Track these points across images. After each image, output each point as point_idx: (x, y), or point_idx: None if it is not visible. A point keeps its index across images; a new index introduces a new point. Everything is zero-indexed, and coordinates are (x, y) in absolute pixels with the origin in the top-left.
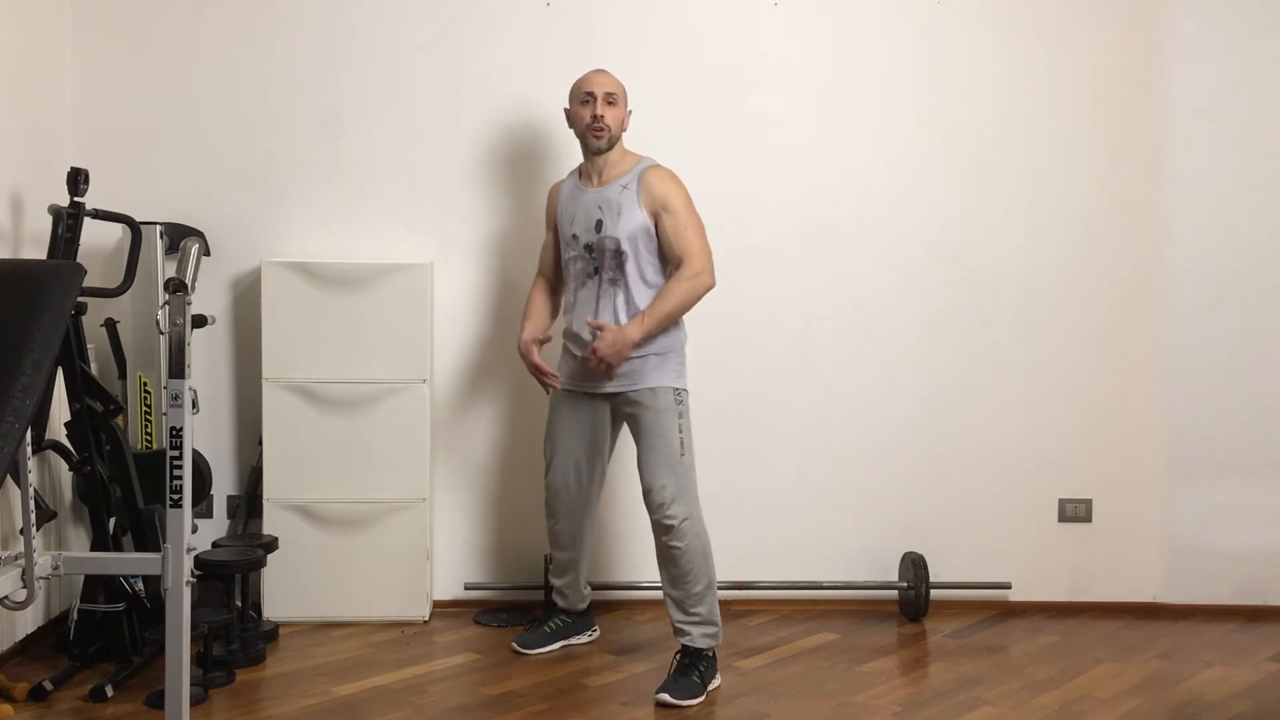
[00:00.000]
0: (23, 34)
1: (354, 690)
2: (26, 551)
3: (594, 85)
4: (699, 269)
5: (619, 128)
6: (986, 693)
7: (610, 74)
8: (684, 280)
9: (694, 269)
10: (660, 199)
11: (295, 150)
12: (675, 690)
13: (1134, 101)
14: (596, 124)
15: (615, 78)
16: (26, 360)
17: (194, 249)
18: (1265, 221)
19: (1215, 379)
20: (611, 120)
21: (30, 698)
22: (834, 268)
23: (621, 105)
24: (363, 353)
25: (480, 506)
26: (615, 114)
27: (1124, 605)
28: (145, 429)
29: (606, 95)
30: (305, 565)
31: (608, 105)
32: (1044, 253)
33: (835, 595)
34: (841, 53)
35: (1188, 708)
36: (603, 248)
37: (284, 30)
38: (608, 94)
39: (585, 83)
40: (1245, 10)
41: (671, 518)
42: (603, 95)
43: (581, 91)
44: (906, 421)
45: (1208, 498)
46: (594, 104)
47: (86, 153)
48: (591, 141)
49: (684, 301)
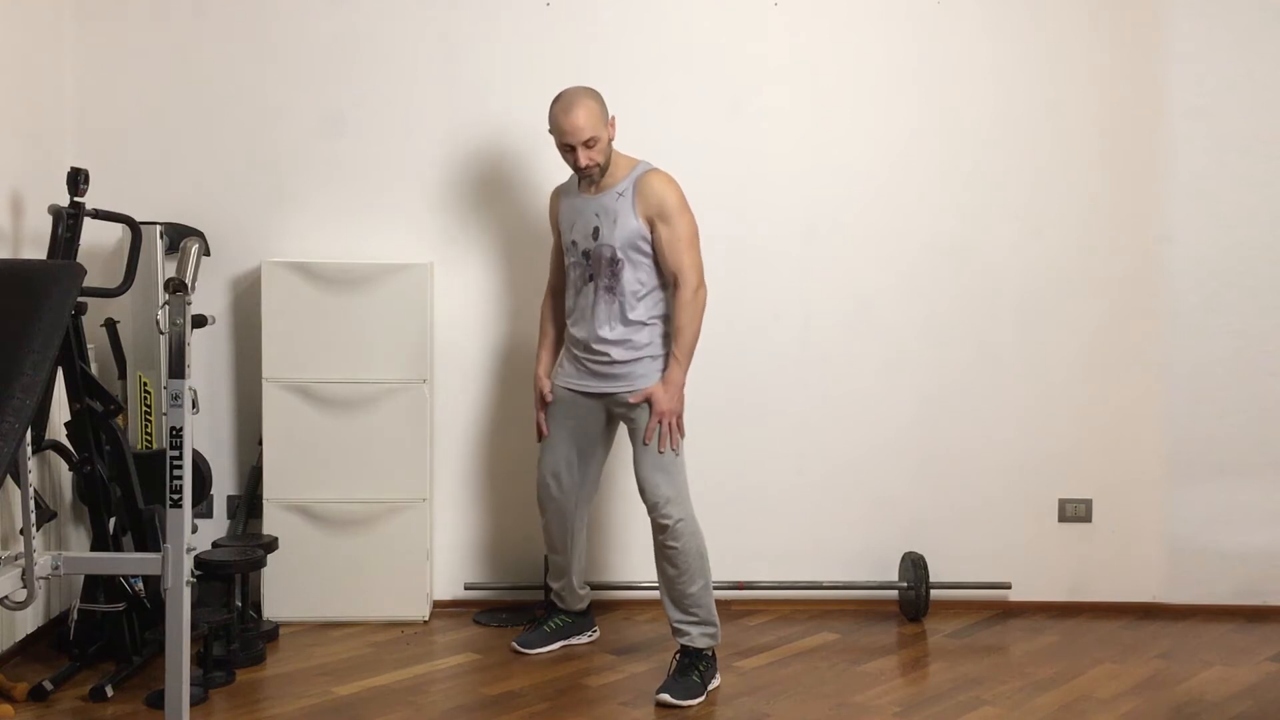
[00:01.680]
0: (23, 34)
1: (354, 690)
2: (26, 551)
3: (571, 134)
4: (695, 285)
5: (606, 156)
6: (986, 693)
7: (582, 108)
8: (688, 304)
9: (690, 287)
10: (656, 206)
11: (295, 150)
12: (676, 690)
13: (1134, 101)
14: (584, 171)
15: (589, 109)
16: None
17: (194, 249)
18: (1265, 221)
19: (1215, 379)
20: (598, 157)
21: (30, 698)
22: (834, 267)
23: (603, 133)
24: (363, 353)
25: (480, 506)
26: (600, 149)
27: (1124, 605)
28: (145, 429)
29: (585, 142)
30: (305, 565)
31: (588, 149)
32: (1043, 252)
33: (835, 595)
34: (841, 53)
35: (1188, 708)
36: (599, 255)
37: (284, 30)
38: (586, 141)
39: (561, 130)
40: (1245, 10)
41: (667, 517)
42: (581, 144)
43: (559, 137)
44: (906, 421)
45: (1208, 498)
46: (575, 153)
47: (86, 153)
48: (583, 180)
49: (697, 323)
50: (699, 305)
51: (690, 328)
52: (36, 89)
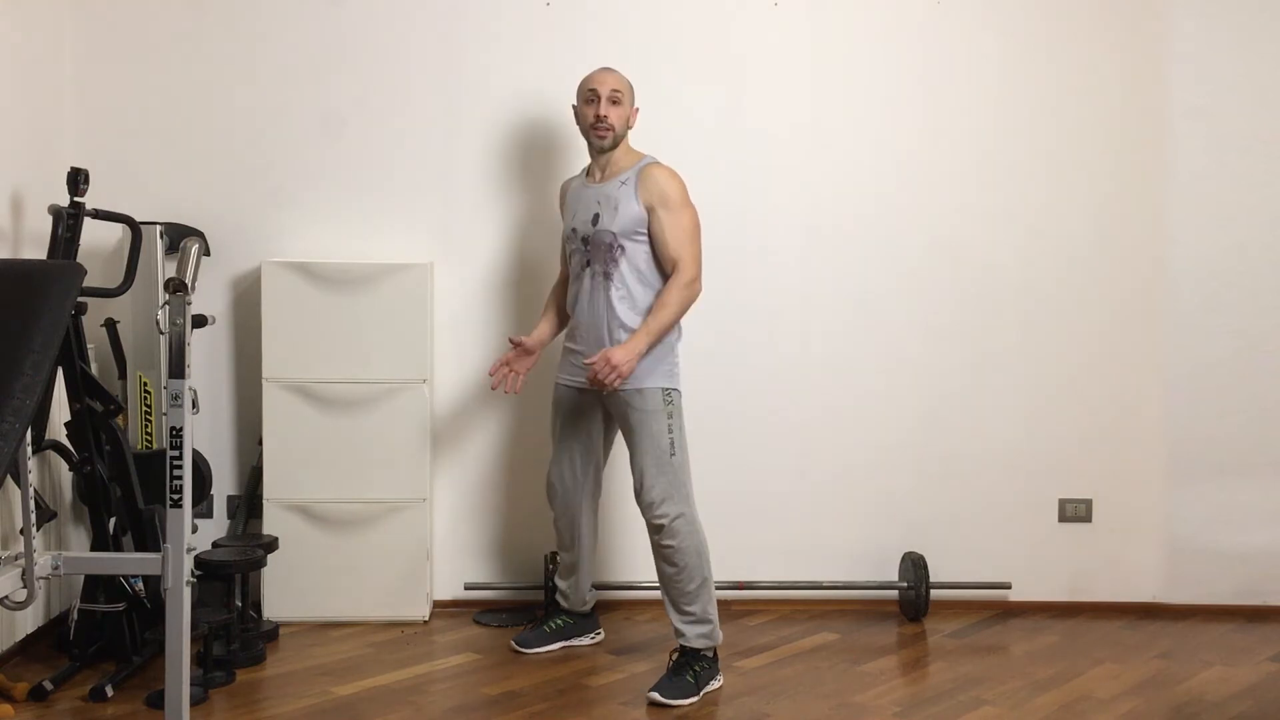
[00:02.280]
0: (23, 34)
1: (354, 690)
2: (26, 551)
3: (599, 83)
4: (691, 276)
5: (624, 126)
6: (986, 693)
7: (618, 72)
8: (679, 289)
9: (688, 276)
10: (658, 193)
11: (295, 150)
12: (667, 690)
13: (1134, 101)
14: (600, 123)
15: (623, 76)
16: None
17: (194, 249)
18: (1265, 221)
19: (1215, 379)
20: (616, 119)
21: (30, 698)
22: (834, 268)
23: (627, 104)
24: (363, 353)
25: (480, 506)
26: (620, 113)
27: (1124, 605)
28: (145, 429)
29: (611, 93)
30: (305, 565)
31: (612, 104)
32: (1044, 253)
33: (835, 595)
34: (841, 54)
35: (1188, 708)
36: (598, 241)
37: (284, 30)
38: (613, 91)
39: (591, 80)
40: (1245, 10)
41: (661, 516)
42: (607, 94)
43: (586, 89)
44: (907, 422)
45: (1208, 498)
46: (598, 103)
47: (86, 153)
48: (595, 140)
49: (681, 309)
50: (689, 295)
51: (671, 309)
52: (36, 89)
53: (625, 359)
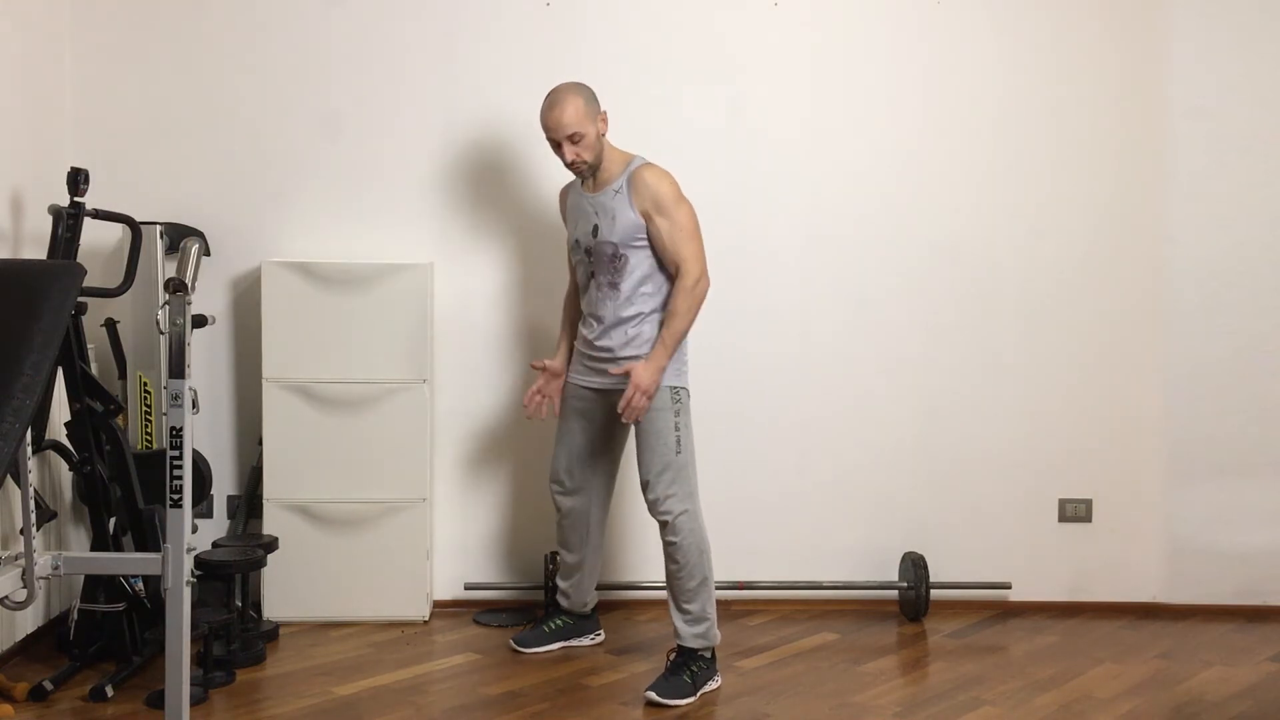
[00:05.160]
0: (23, 35)
1: (354, 690)
2: (26, 551)
3: (553, 130)
4: (696, 275)
5: (595, 153)
6: (986, 693)
7: (568, 104)
8: (685, 292)
9: (692, 276)
10: (650, 198)
11: (295, 150)
12: (663, 689)
13: (1134, 101)
14: (572, 165)
15: (573, 102)
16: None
17: (194, 249)
18: (1265, 222)
19: (1215, 379)
20: (585, 152)
21: (30, 698)
22: (835, 268)
23: (590, 129)
24: (363, 353)
25: (480, 506)
26: (586, 144)
27: (1124, 605)
28: (145, 429)
29: (570, 137)
30: (305, 565)
31: (574, 144)
32: (1044, 253)
33: (835, 595)
34: (841, 54)
35: (1188, 708)
36: (600, 252)
37: (283, 30)
38: (571, 134)
39: (545, 124)
40: (1245, 10)
41: (665, 513)
42: (565, 138)
43: (545, 132)
44: (907, 422)
45: (1208, 498)
46: (561, 148)
47: (86, 153)
48: (574, 174)
49: (693, 313)
50: (698, 295)
51: (684, 316)
52: (36, 89)
53: (650, 382)
